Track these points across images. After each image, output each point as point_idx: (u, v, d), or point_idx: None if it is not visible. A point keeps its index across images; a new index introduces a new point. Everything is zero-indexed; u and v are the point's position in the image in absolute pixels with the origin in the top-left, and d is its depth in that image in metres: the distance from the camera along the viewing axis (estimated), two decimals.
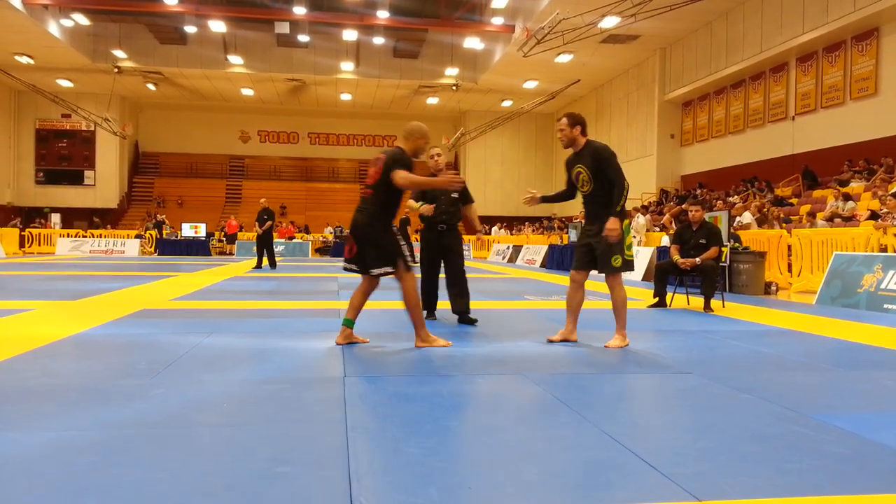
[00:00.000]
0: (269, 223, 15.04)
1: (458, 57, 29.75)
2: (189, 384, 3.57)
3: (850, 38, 17.22)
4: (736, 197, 18.92)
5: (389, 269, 4.69)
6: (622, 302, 5.01)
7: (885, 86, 16.34)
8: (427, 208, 6.17)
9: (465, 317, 6.28)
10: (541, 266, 18.81)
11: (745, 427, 2.87)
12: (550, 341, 5.15)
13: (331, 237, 28.51)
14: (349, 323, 4.92)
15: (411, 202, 6.29)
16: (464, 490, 2.12)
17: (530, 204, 5.34)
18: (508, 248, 23.96)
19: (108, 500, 1.99)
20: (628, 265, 4.97)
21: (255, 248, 17.10)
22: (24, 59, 27.08)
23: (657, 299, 7.94)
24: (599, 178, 4.92)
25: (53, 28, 24.68)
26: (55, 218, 29.65)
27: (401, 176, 4.57)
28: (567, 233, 18.76)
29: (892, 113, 16.02)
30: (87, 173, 34.13)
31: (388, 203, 4.74)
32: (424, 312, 6.21)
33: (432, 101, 33.91)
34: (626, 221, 4.95)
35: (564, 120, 5.13)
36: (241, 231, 28.08)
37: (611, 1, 18.04)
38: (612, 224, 4.83)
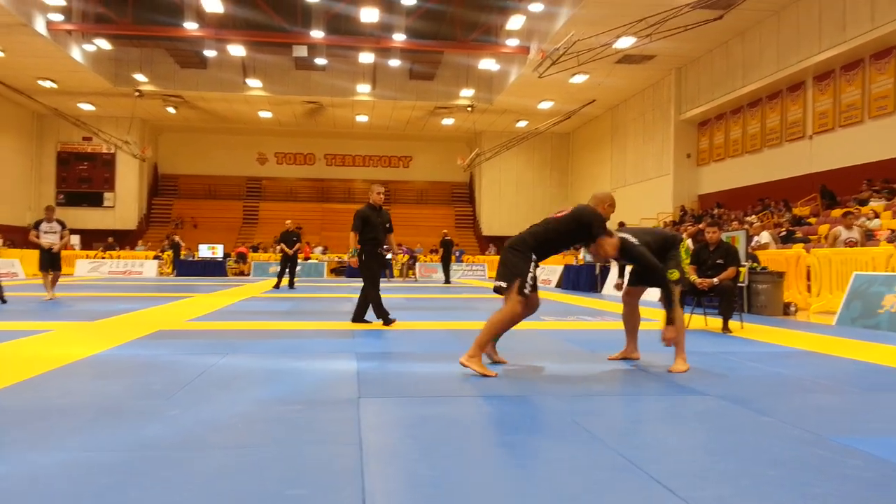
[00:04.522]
0: (298, 245, 15.53)
1: (474, 78, 29.95)
2: (204, 405, 3.57)
3: (868, 57, 17.13)
4: (753, 216, 18.78)
5: (503, 285, 4.60)
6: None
7: None
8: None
9: (388, 320, 7.61)
10: (556, 286, 18.73)
11: (765, 450, 2.82)
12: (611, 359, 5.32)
13: (346, 257, 28.64)
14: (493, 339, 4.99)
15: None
16: None
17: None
18: None
19: None
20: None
21: (273, 269, 17.30)
22: (47, 84, 27.61)
23: None
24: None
25: (76, 53, 25.18)
26: (74, 239, 30.03)
27: None
28: (581, 254, 18.67)
29: None
30: (107, 195, 34.59)
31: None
32: (380, 320, 7.61)
33: (448, 122, 34.12)
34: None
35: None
36: (251, 252, 28.45)
37: (626, 22, 18.12)
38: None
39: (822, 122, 18.76)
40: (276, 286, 15.71)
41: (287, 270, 15.87)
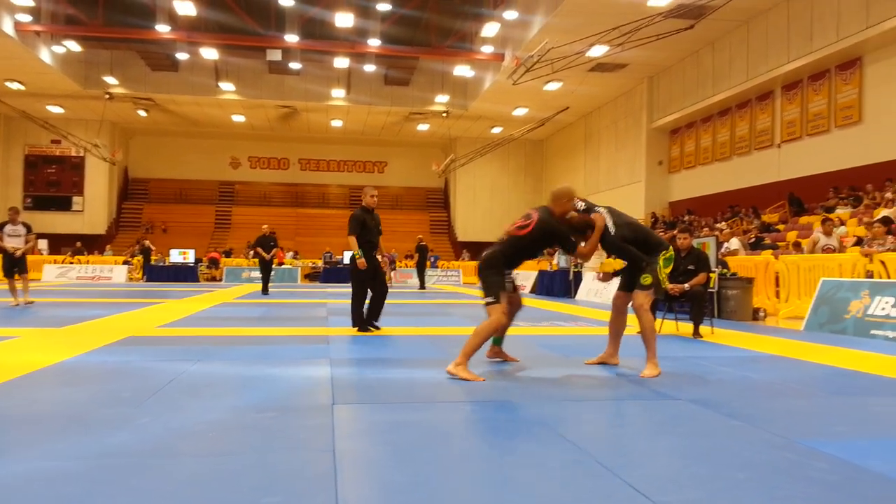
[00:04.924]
0: (274, 249, 15.53)
1: (449, 84, 30.02)
2: (175, 413, 3.52)
3: (833, 67, 17.52)
4: (723, 223, 19.05)
5: (491, 300, 4.90)
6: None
7: (868, 114, 16.59)
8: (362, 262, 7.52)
9: (374, 324, 7.63)
10: (530, 292, 18.81)
11: (735, 454, 2.86)
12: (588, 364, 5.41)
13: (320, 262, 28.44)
14: (497, 341, 5.44)
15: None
16: None
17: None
18: None
19: None
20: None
21: (246, 275, 17.23)
22: (15, 86, 27.07)
23: None
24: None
25: (45, 55, 24.75)
26: (42, 244, 29.45)
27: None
28: (556, 259, 18.79)
29: (875, 140, 16.25)
30: (76, 199, 33.99)
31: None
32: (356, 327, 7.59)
33: (423, 127, 34.14)
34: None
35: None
36: (224, 257, 28.18)
37: (599, 30, 18.32)
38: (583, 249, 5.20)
39: (790, 130, 19.12)
40: (264, 292, 15.68)
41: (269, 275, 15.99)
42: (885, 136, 16.02)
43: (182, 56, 27.30)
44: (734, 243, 14.28)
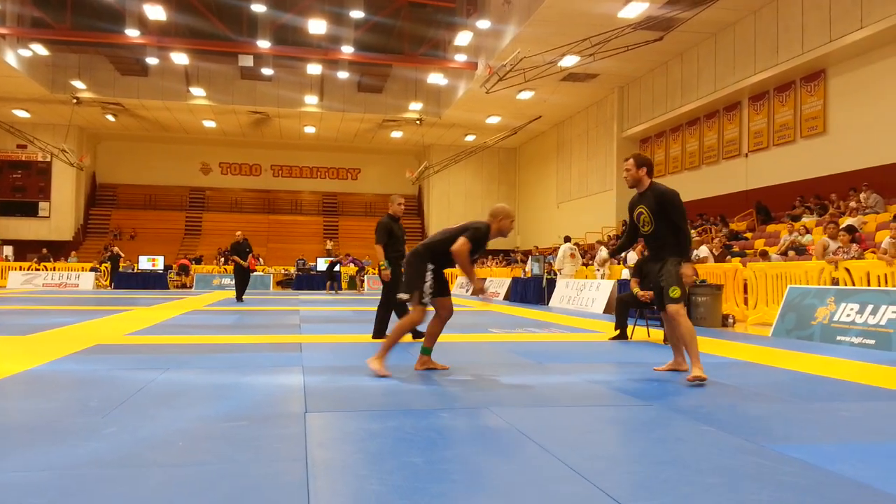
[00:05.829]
0: (250, 256, 15.47)
1: (422, 92, 30.09)
2: (143, 422, 3.46)
3: (799, 79, 17.91)
4: (693, 231, 19.32)
5: (405, 297, 5.02)
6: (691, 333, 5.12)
7: (832, 125, 16.98)
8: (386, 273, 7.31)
9: (418, 333, 6.87)
10: (504, 299, 18.87)
11: (706, 459, 2.89)
12: (657, 370, 5.47)
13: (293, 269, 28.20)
14: (426, 351, 5.31)
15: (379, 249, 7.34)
16: None
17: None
18: None
19: None
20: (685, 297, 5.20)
21: (217, 282, 17.02)
22: None
23: (619, 332, 8.02)
24: (660, 219, 5.07)
25: (11, 58, 24.28)
26: (7, 250, 28.82)
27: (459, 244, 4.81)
28: (529, 266, 18.88)
29: (839, 151, 16.63)
30: (42, 205, 33.36)
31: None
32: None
33: (396, 134, 34.15)
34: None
35: (631, 161, 5.23)
36: (194, 264, 27.83)
37: (570, 41, 18.52)
38: (686, 270, 5.12)
39: (758, 140, 19.48)
40: (239, 299, 15.50)
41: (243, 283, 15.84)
42: (848, 147, 16.42)
43: (152, 61, 26.96)
44: (703, 251, 14.48)
